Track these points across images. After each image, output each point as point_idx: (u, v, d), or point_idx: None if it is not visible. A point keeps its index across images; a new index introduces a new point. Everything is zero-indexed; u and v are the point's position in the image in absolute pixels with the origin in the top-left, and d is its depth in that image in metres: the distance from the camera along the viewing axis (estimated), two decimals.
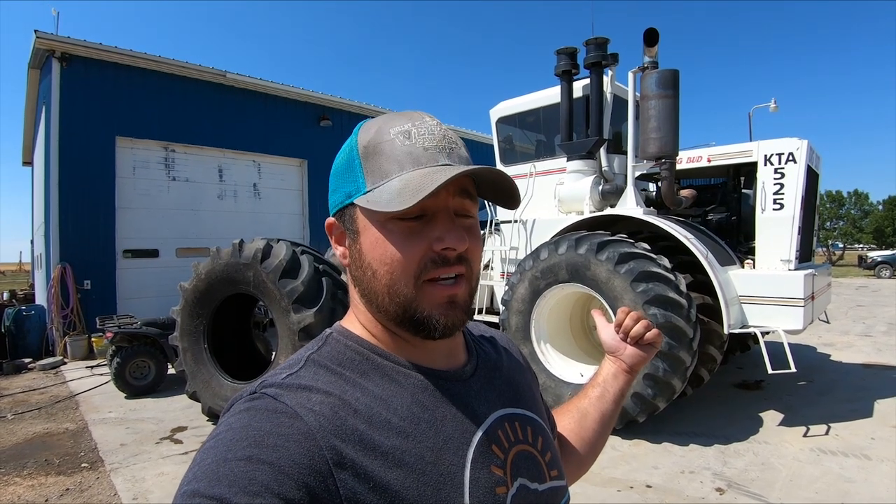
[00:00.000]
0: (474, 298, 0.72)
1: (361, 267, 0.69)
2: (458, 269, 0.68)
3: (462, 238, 0.66)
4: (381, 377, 0.67)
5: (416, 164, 0.65)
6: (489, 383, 0.78)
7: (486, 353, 0.84)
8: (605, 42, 6.06)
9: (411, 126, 0.68)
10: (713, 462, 4.08)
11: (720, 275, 4.80)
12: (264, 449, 0.55)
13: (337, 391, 0.63)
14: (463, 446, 0.67)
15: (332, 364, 0.67)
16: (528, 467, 0.74)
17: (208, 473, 0.53)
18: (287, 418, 0.58)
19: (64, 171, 9.39)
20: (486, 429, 0.71)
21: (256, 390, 0.63)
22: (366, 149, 0.68)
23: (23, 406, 6.28)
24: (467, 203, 0.69)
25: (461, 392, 0.72)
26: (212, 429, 0.63)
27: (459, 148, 0.70)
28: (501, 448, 0.71)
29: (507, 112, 7.52)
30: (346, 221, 0.71)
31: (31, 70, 10.42)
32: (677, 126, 5.27)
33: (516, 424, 0.76)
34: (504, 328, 5.70)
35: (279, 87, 12.02)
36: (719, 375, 6.32)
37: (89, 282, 9.66)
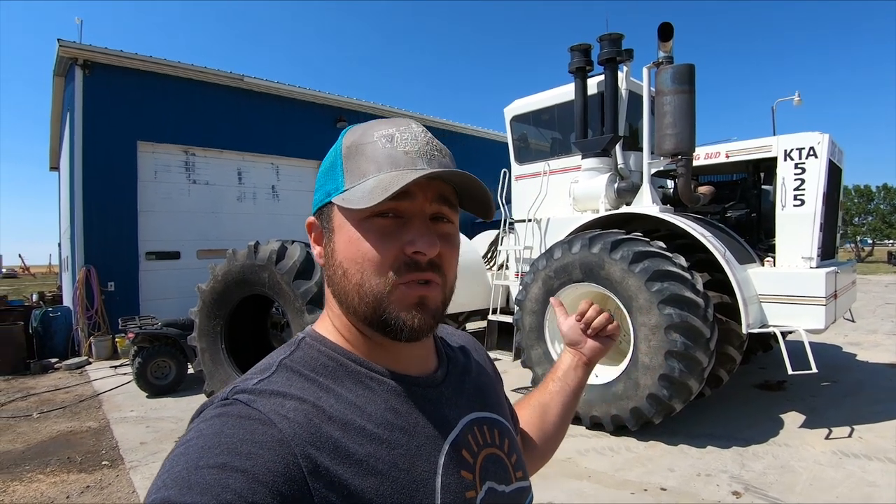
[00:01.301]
0: (446, 307, 0.71)
1: (333, 266, 0.69)
2: (430, 276, 0.67)
3: (433, 243, 0.66)
4: (354, 383, 0.67)
5: (393, 167, 0.65)
6: (459, 388, 0.79)
7: (456, 358, 0.84)
8: (619, 38, 5.99)
9: (395, 131, 0.68)
10: (730, 465, 3.99)
11: (738, 273, 4.69)
12: (237, 456, 0.53)
13: (311, 397, 0.63)
14: (435, 452, 0.67)
15: (305, 370, 0.66)
16: (496, 470, 0.75)
17: (179, 481, 0.51)
18: (260, 425, 0.57)
19: (88, 176, 9.60)
20: (456, 434, 0.72)
21: (228, 396, 0.62)
22: (348, 150, 0.69)
23: (48, 405, 6.44)
24: (445, 209, 0.69)
25: (433, 398, 0.73)
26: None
27: (442, 156, 0.70)
28: (471, 452, 0.72)
29: (521, 110, 7.47)
30: (324, 220, 0.71)
31: (55, 78, 10.68)
32: (693, 122, 5.18)
33: (485, 428, 0.77)
34: (518, 328, 5.67)
35: (296, 90, 12.13)
36: (740, 376, 6.19)
37: (113, 283, 9.86)
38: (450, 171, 0.66)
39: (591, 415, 4.83)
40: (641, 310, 4.57)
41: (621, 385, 4.66)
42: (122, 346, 9.11)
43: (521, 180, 7.45)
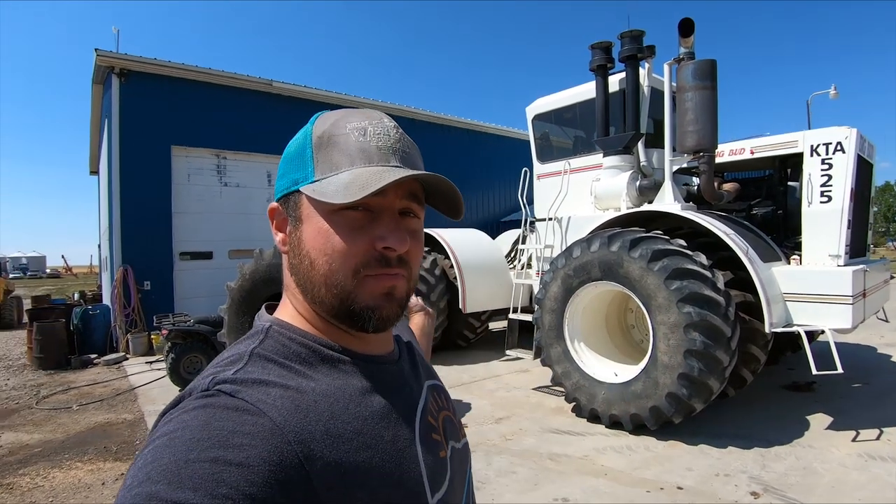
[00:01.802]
0: (410, 297, 0.74)
1: (300, 255, 0.69)
2: (398, 271, 0.69)
3: (404, 239, 0.67)
4: (328, 367, 0.68)
5: (367, 161, 0.66)
6: (412, 362, 0.84)
7: (399, 337, 0.88)
8: (640, 35, 5.94)
9: (368, 124, 0.69)
10: (751, 465, 3.93)
11: (762, 271, 4.61)
12: (231, 449, 0.52)
13: (292, 384, 0.63)
14: (411, 421, 0.71)
15: (278, 357, 0.66)
16: (452, 429, 0.82)
17: (167, 475, 0.49)
18: (250, 416, 0.56)
19: (125, 179, 9.99)
20: (423, 402, 0.77)
21: (209, 387, 0.59)
22: (319, 139, 0.68)
23: (87, 398, 6.75)
24: (414, 206, 0.71)
25: (398, 373, 0.77)
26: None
27: (413, 153, 0.72)
28: (433, 416, 0.78)
29: (542, 109, 7.47)
30: (290, 208, 0.71)
31: (94, 86, 11.14)
32: (715, 118, 5.11)
33: (436, 394, 0.84)
34: (538, 326, 5.68)
35: (322, 94, 12.36)
36: (767, 376, 6.07)
37: (149, 282, 10.23)
38: (427, 174, 0.67)
39: (610, 413, 4.81)
40: (660, 308, 4.53)
41: (640, 384, 4.63)
42: (157, 342, 9.44)
43: (543, 179, 7.44)
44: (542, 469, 4.04)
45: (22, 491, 4.02)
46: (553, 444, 4.53)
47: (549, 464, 4.13)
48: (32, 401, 6.66)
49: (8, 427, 5.63)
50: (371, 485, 0.61)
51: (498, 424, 5.08)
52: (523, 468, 4.06)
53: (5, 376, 8.28)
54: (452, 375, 7.06)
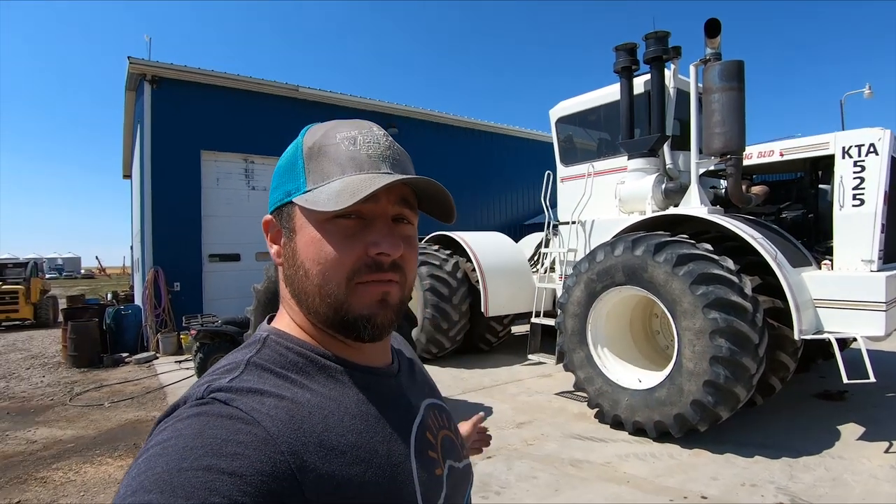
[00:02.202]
0: (405, 305, 0.73)
1: (294, 265, 0.69)
2: (392, 276, 0.69)
3: (397, 245, 0.67)
4: (325, 378, 0.68)
5: (357, 169, 0.67)
6: (411, 378, 0.84)
7: (401, 352, 0.89)
8: (665, 36, 5.87)
9: (358, 133, 0.70)
10: (778, 475, 3.84)
11: (791, 277, 4.50)
12: (223, 458, 0.52)
13: (288, 394, 0.63)
14: (406, 436, 0.71)
15: (275, 367, 0.66)
16: (451, 449, 0.81)
17: (160, 484, 0.49)
18: (244, 424, 0.56)
19: (156, 183, 10.25)
20: (420, 419, 0.76)
21: (203, 395, 0.60)
22: (310, 150, 0.69)
23: (118, 395, 6.94)
24: (406, 212, 0.71)
25: (396, 387, 0.77)
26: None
27: (403, 160, 0.72)
28: (433, 434, 0.77)
29: (566, 112, 7.43)
30: (283, 219, 0.71)
31: (127, 92, 11.46)
32: (743, 120, 5.03)
33: (437, 412, 0.83)
34: (560, 331, 5.64)
35: (347, 98, 12.49)
36: (797, 384, 5.91)
37: (179, 284, 10.47)
38: (417, 178, 0.68)
39: (634, 420, 4.75)
40: (686, 314, 4.45)
41: (664, 390, 4.55)
42: (185, 342, 9.66)
43: (567, 182, 7.40)
44: (564, 475, 4.01)
45: (55, 485, 4.15)
46: (575, 450, 4.49)
47: (571, 470, 4.10)
48: (66, 398, 6.88)
49: (43, 423, 5.82)
50: (364, 499, 0.61)
51: (519, 429, 5.06)
52: (544, 473, 4.03)
53: (41, 374, 8.57)
54: (474, 379, 7.05)
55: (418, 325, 7.48)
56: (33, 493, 4.02)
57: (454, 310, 7.69)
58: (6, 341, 12.62)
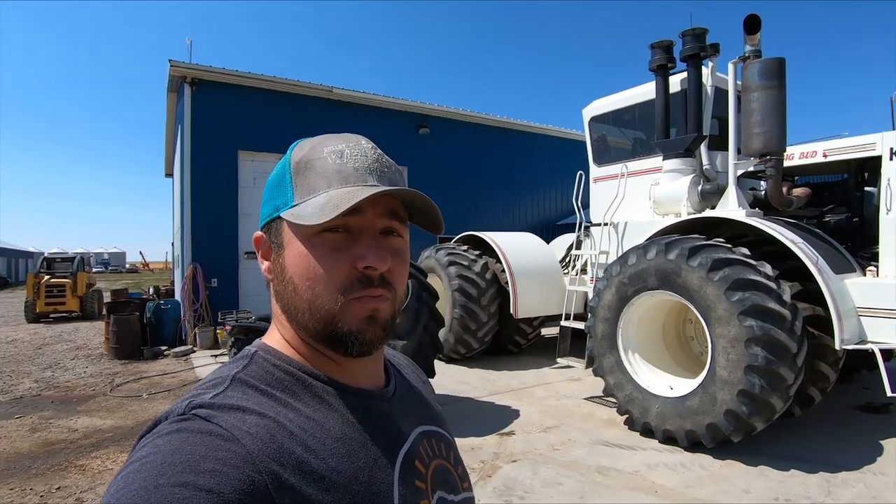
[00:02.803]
0: (395, 320, 0.72)
1: (283, 281, 0.69)
2: (380, 293, 0.68)
3: (384, 258, 0.66)
4: (311, 398, 0.67)
5: (343, 182, 0.66)
6: (407, 402, 0.81)
7: (400, 374, 0.87)
8: (703, 33, 5.71)
9: (345, 147, 0.69)
10: (815, 491, 3.68)
11: (833, 283, 4.31)
12: (201, 474, 0.52)
13: (270, 413, 0.62)
14: (391, 464, 0.68)
15: (260, 384, 0.65)
16: (445, 480, 0.77)
17: (137, 500, 0.49)
18: (223, 441, 0.56)
19: (195, 182, 10.56)
20: (409, 446, 0.74)
21: (184, 411, 0.59)
22: (297, 164, 0.69)
23: (156, 387, 7.17)
24: (395, 224, 0.70)
25: (386, 411, 0.74)
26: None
27: (392, 172, 0.71)
28: (423, 463, 0.74)
29: (600, 111, 7.31)
30: (273, 235, 0.71)
31: (168, 94, 11.84)
32: (784, 119, 4.84)
33: (433, 441, 0.80)
34: (590, 335, 5.55)
35: (380, 99, 12.58)
36: (838, 396, 5.67)
37: (216, 280, 10.76)
38: (400, 189, 0.67)
39: (664, 428, 4.63)
40: (720, 321, 4.32)
41: (697, 399, 4.43)
42: (221, 336, 9.90)
43: (600, 182, 7.28)
44: (590, 482, 3.94)
45: (93, 473, 4.32)
46: (602, 457, 4.41)
47: (597, 477, 4.03)
48: (107, 388, 7.15)
49: (84, 412, 6.06)
50: None
51: (546, 433, 5.00)
52: (570, 480, 3.98)
53: (85, 364, 8.93)
54: (502, 381, 7.01)
55: (446, 325, 7.47)
56: (72, 479, 4.19)
57: (483, 311, 7.66)
58: (53, 332, 13.21)
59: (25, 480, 4.19)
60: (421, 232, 0.75)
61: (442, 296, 7.61)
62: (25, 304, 15.88)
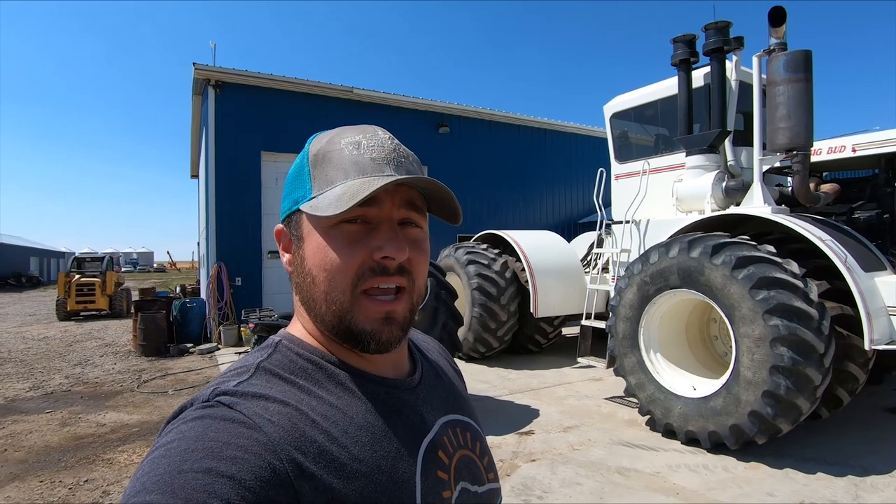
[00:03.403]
0: (415, 314, 0.72)
1: (302, 273, 0.69)
2: (399, 281, 0.67)
3: (402, 248, 0.66)
4: (334, 386, 0.67)
5: (360, 173, 0.66)
6: (433, 391, 0.80)
7: (428, 362, 0.86)
8: (726, 26, 5.59)
9: (362, 138, 0.69)
10: (842, 495, 3.58)
11: (862, 282, 4.18)
12: (223, 461, 0.52)
13: (293, 401, 0.62)
14: (414, 453, 0.68)
15: (284, 372, 0.66)
16: (470, 471, 0.76)
17: (161, 485, 0.50)
18: (245, 429, 0.56)
19: (220, 183, 10.75)
20: (433, 435, 0.73)
21: (209, 398, 0.60)
22: (315, 157, 0.69)
23: (181, 384, 7.32)
24: (414, 215, 0.70)
25: (410, 400, 0.74)
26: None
27: (409, 162, 0.71)
28: (447, 453, 0.73)
29: (621, 107, 7.21)
30: (293, 227, 0.71)
31: (194, 97, 12.05)
32: (811, 113, 4.72)
33: (458, 430, 0.79)
34: (611, 335, 5.48)
35: (400, 98, 12.63)
36: (868, 397, 5.51)
37: (240, 279, 10.94)
38: (416, 178, 0.66)
39: (687, 429, 4.56)
40: (745, 320, 4.23)
41: (720, 400, 4.34)
42: (245, 334, 10.05)
43: (621, 179, 7.19)
44: (609, 483, 3.90)
45: (119, 466, 4.42)
46: (622, 458, 4.36)
47: (617, 478, 3.98)
48: (134, 384, 7.32)
49: (112, 407, 6.21)
50: None
51: (566, 433, 4.96)
52: (589, 480, 3.94)
53: (113, 361, 9.15)
54: (522, 380, 6.98)
55: (465, 324, 7.46)
56: (99, 472, 4.30)
57: (502, 309, 7.63)
58: (83, 330, 13.57)
59: (55, 473, 4.31)
60: (440, 229, 0.75)
61: (461, 295, 7.61)
62: (57, 302, 16.33)
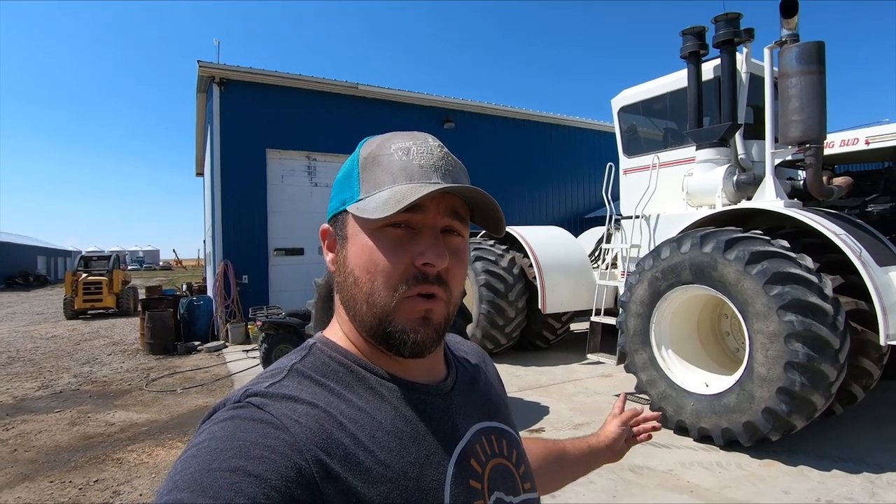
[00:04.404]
0: (450, 322, 0.72)
1: (345, 273, 0.70)
2: (435, 290, 0.67)
3: (443, 255, 0.66)
4: (365, 389, 0.68)
5: (408, 179, 0.67)
6: (467, 397, 0.79)
7: (464, 367, 0.85)
8: (736, 17, 5.51)
9: (412, 144, 0.70)
10: (858, 492, 3.53)
11: (878, 276, 4.12)
12: (250, 460, 0.54)
13: (322, 403, 0.63)
14: (444, 461, 0.67)
15: (316, 375, 0.67)
16: (504, 480, 0.75)
17: (191, 483, 0.52)
18: (273, 429, 0.58)
19: (225, 181, 10.74)
20: (465, 443, 0.72)
21: (240, 399, 0.62)
22: (365, 160, 0.71)
23: (190, 382, 7.33)
24: (456, 224, 0.70)
25: (442, 406, 0.73)
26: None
27: (457, 171, 0.72)
28: (479, 462, 0.72)
29: (629, 100, 7.14)
30: (338, 227, 0.72)
31: (198, 94, 12.05)
32: (824, 105, 4.64)
33: (493, 438, 0.78)
34: (622, 331, 5.44)
35: (405, 94, 12.57)
36: (882, 393, 5.44)
37: (247, 276, 10.94)
38: (461, 186, 0.67)
39: (699, 426, 4.52)
40: (758, 316, 4.18)
41: (734, 397, 4.30)
42: (252, 332, 10.07)
43: (630, 174, 7.13)
44: (622, 481, 3.86)
45: (129, 466, 4.43)
46: (635, 455, 4.31)
47: (630, 476, 3.95)
48: (143, 383, 7.34)
49: (121, 406, 6.23)
50: None
51: (576, 430, 4.93)
52: (601, 478, 3.90)
53: (121, 359, 9.19)
54: (530, 376, 6.95)
55: (473, 320, 7.43)
56: (109, 472, 4.30)
57: (510, 306, 7.60)
58: (91, 328, 13.63)
59: (65, 473, 4.32)
60: None
61: (469, 291, 7.58)
62: (64, 301, 16.42)
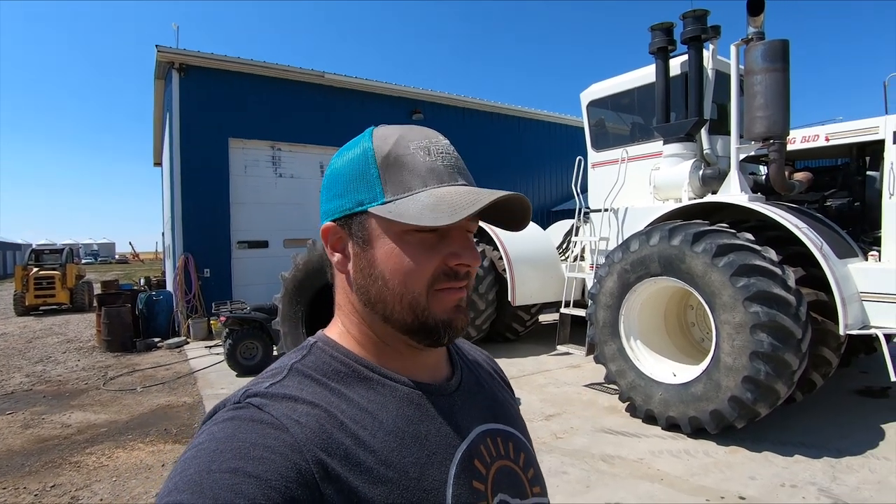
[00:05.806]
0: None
1: (371, 276, 0.68)
2: (463, 284, 0.70)
3: (477, 257, 0.69)
4: (366, 389, 0.67)
5: (439, 181, 0.67)
6: (472, 398, 0.78)
7: (470, 368, 0.83)
8: (704, 14, 5.61)
9: (429, 143, 0.69)
10: (820, 476, 3.67)
11: (837, 268, 4.28)
12: (250, 461, 0.54)
13: (322, 402, 0.63)
14: (446, 461, 0.66)
15: (316, 374, 0.66)
16: (510, 483, 0.73)
17: (191, 485, 0.52)
18: (273, 429, 0.58)
19: (185, 171, 10.35)
20: (468, 444, 0.71)
21: (240, 399, 0.62)
22: (385, 159, 0.67)
23: (150, 380, 7.07)
24: (473, 223, 0.72)
25: (445, 406, 0.72)
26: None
27: (467, 170, 0.73)
28: (483, 463, 0.71)
29: (598, 95, 7.21)
30: (354, 228, 0.69)
31: (156, 81, 11.58)
32: (787, 103, 4.78)
33: (498, 440, 0.76)
34: (591, 323, 5.51)
35: (373, 84, 12.36)
36: (838, 380, 5.68)
37: (209, 270, 10.61)
38: (512, 195, 0.67)
39: (668, 415, 4.62)
40: (725, 307, 4.28)
41: (701, 386, 4.41)
42: (215, 327, 9.81)
43: (598, 168, 7.21)
44: (595, 471, 3.91)
45: (88, 469, 4.23)
46: (606, 445, 4.39)
47: (602, 465, 4.00)
48: (100, 382, 7.04)
49: (78, 406, 5.96)
50: None
51: (548, 421, 4.98)
52: (574, 469, 3.95)
53: (76, 357, 8.80)
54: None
55: None
56: (67, 477, 4.11)
57: (480, 299, 7.60)
58: (43, 325, 13.03)
59: (19, 479, 4.10)
60: None
61: None
62: (14, 296, 15.68)
